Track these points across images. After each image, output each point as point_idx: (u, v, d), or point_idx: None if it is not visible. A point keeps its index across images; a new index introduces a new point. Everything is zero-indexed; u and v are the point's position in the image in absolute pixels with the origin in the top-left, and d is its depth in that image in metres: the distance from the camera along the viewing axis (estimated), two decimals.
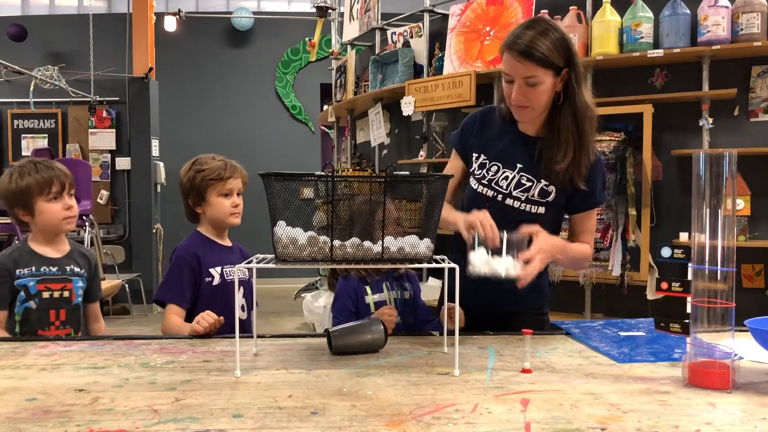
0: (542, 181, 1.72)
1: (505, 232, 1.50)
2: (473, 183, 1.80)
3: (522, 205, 1.74)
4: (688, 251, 1.27)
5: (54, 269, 1.87)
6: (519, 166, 1.73)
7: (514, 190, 1.74)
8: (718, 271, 1.20)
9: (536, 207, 1.74)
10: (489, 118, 1.82)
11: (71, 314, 1.88)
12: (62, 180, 1.88)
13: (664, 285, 1.26)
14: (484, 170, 1.77)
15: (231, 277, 1.94)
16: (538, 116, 1.70)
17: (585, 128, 1.67)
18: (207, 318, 1.65)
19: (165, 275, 1.94)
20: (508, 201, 1.74)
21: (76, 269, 1.91)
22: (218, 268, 1.93)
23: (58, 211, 1.87)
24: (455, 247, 1.87)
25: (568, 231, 1.84)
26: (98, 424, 1.00)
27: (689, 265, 1.25)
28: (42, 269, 1.85)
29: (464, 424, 1.01)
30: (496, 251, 1.48)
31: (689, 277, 1.25)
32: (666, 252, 1.30)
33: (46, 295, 1.84)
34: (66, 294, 1.87)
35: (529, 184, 1.73)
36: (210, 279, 1.92)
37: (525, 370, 1.31)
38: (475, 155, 1.81)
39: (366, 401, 1.12)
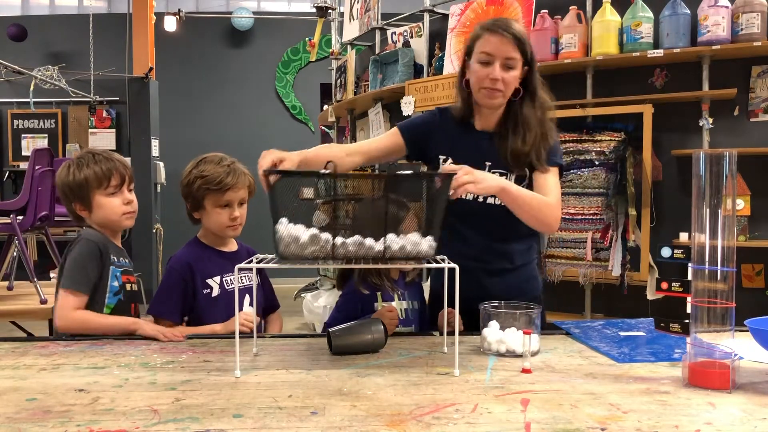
0: (516, 172, 1.76)
1: (518, 311, 1.50)
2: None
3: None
4: (688, 251, 1.27)
5: (127, 261, 1.79)
6: (488, 164, 1.76)
7: None
8: (718, 271, 1.20)
9: None
10: (447, 121, 1.85)
11: (141, 309, 1.80)
12: (122, 172, 1.76)
13: (664, 285, 1.26)
14: None
15: (232, 286, 1.81)
16: (499, 107, 1.76)
17: (546, 119, 1.76)
18: (249, 317, 1.64)
19: (158, 288, 1.84)
20: (489, 200, 1.77)
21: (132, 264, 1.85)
22: (217, 278, 1.82)
23: (117, 206, 1.75)
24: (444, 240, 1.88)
25: None
26: (98, 424, 1.00)
27: (689, 265, 1.25)
28: (121, 260, 1.77)
29: (464, 424, 1.01)
30: (508, 325, 1.47)
31: (689, 277, 1.25)
32: (666, 252, 1.30)
33: (128, 287, 1.76)
34: (136, 288, 1.81)
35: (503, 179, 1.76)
36: (208, 291, 1.80)
37: (525, 370, 1.31)
38: (442, 158, 1.83)
39: (366, 401, 1.12)
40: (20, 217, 3.10)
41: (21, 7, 8.54)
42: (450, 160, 1.79)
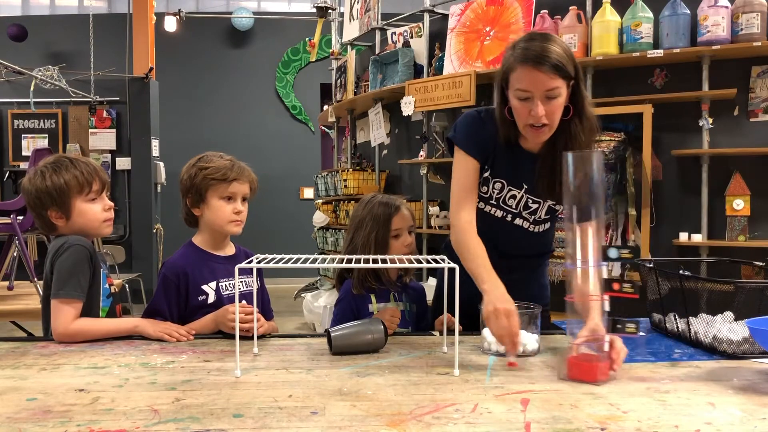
0: (548, 201, 1.70)
1: (517, 311, 1.46)
2: (478, 201, 1.73)
3: (530, 226, 1.74)
4: (636, 252, 1.29)
5: (106, 263, 1.75)
6: (525, 186, 1.69)
7: (523, 211, 1.72)
8: (590, 269, 1.26)
9: (542, 225, 1.76)
10: (490, 129, 1.70)
11: (123, 309, 1.77)
12: (102, 177, 1.68)
13: (616, 286, 1.27)
14: (489, 187, 1.72)
15: (227, 292, 1.75)
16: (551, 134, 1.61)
17: (592, 139, 1.63)
18: (248, 309, 1.52)
19: (153, 295, 1.77)
20: (518, 221, 1.74)
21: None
22: (213, 284, 1.74)
23: (98, 213, 1.67)
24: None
25: None
26: (98, 424, 1.00)
27: (565, 264, 1.29)
28: (104, 262, 1.72)
29: (464, 424, 1.01)
30: None
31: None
32: (613, 253, 1.31)
33: (112, 289, 1.72)
34: (117, 289, 1.76)
35: (535, 206, 1.71)
36: (204, 297, 1.72)
37: (511, 364, 1.33)
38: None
39: (366, 401, 1.12)
40: (20, 218, 3.10)
41: (21, 7, 8.55)
42: (486, 173, 1.70)
